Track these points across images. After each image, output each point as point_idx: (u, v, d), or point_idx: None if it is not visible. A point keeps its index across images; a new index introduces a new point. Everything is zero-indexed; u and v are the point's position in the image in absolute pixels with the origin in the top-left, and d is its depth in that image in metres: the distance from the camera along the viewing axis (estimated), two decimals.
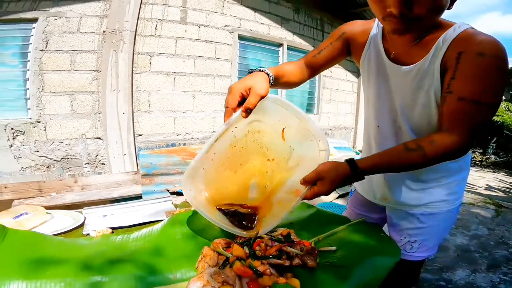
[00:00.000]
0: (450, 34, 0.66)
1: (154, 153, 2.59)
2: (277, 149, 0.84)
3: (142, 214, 1.03)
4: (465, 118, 0.64)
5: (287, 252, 0.65)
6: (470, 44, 0.63)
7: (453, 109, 0.64)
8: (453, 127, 0.65)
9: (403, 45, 0.74)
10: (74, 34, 2.53)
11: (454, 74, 0.64)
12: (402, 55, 0.76)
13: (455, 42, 0.65)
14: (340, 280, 0.66)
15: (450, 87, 0.65)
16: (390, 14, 0.62)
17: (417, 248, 0.93)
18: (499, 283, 1.85)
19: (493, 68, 0.61)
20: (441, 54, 0.67)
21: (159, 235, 0.75)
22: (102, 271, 0.62)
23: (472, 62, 0.62)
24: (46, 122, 2.50)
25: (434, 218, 0.89)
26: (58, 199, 2.19)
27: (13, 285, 0.55)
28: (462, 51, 0.63)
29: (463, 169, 0.90)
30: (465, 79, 0.63)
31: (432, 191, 0.88)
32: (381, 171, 0.73)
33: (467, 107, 0.63)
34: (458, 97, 0.63)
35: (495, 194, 3.96)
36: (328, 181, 0.69)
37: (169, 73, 2.98)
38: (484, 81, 0.61)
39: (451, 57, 0.65)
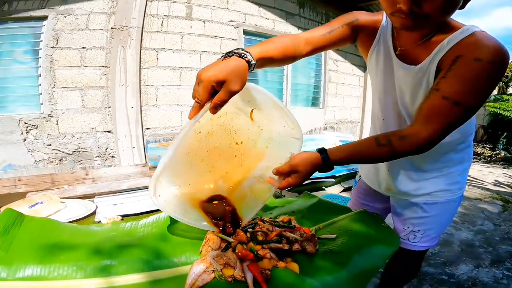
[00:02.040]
0: (456, 36, 0.66)
1: (161, 146, 2.64)
2: (245, 131, 0.78)
3: (150, 202, 1.08)
4: (442, 117, 0.65)
5: (287, 237, 0.68)
6: (471, 49, 0.63)
7: (433, 105, 0.66)
8: (428, 123, 0.67)
9: (410, 42, 0.75)
10: (83, 31, 2.58)
11: (446, 74, 0.66)
12: (408, 52, 0.76)
13: (458, 45, 0.65)
14: (338, 266, 0.68)
15: (438, 85, 0.66)
16: (399, 10, 0.62)
17: (420, 238, 0.95)
18: (502, 279, 1.84)
19: (486, 74, 0.61)
20: (439, 56, 0.68)
21: (165, 222, 0.79)
22: (112, 255, 0.66)
23: (467, 66, 0.63)
24: (58, 117, 2.58)
25: (437, 207, 0.91)
26: (70, 191, 2.27)
27: (29, 269, 0.59)
28: (461, 55, 0.64)
29: (465, 160, 0.92)
30: (454, 80, 0.64)
31: (435, 181, 0.89)
32: (352, 162, 0.76)
33: (447, 106, 0.64)
34: (442, 96, 0.65)
35: (504, 190, 3.89)
36: (302, 174, 0.71)
37: (176, 68, 3.02)
38: (472, 84, 0.62)
39: (448, 59, 0.66)
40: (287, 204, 1.05)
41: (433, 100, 0.66)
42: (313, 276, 0.62)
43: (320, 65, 4.50)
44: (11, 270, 0.59)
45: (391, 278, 1.20)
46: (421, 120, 0.68)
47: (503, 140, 6.55)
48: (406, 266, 1.09)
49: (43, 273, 0.60)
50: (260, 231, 0.67)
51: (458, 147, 0.88)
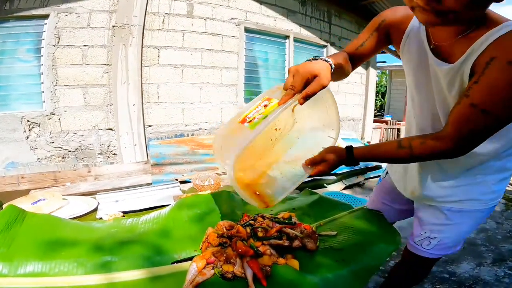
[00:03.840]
0: (493, 34, 0.60)
1: (163, 143, 2.65)
2: (284, 120, 0.88)
3: (151, 199, 1.08)
4: (468, 125, 0.62)
5: (287, 233, 0.68)
6: (505, 50, 0.57)
7: (461, 112, 0.63)
8: (454, 130, 0.64)
9: (446, 37, 0.69)
10: (85, 30, 2.59)
11: (478, 79, 0.60)
12: (443, 48, 0.71)
13: (494, 44, 0.59)
14: (339, 263, 0.68)
15: (470, 91, 0.62)
16: (417, 5, 0.58)
17: (434, 245, 0.89)
18: (503, 277, 1.83)
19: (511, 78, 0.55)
20: (474, 57, 0.62)
21: (166, 218, 0.79)
22: (113, 252, 0.66)
23: (500, 71, 0.57)
24: (61, 114, 2.59)
25: (461, 216, 0.84)
26: (72, 188, 2.28)
27: (31, 265, 0.59)
28: (495, 56, 0.58)
29: (506, 168, 0.83)
30: (485, 86, 0.59)
31: (465, 188, 0.82)
32: (374, 160, 0.78)
33: (475, 114, 0.60)
34: (471, 103, 0.61)
35: (507, 188, 3.86)
36: (329, 162, 0.76)
37: (177, 65, 3.02)
38: (503, 93, 0.57)
39: (482, 60, 0.60)
40: (288, 200, 1.05)
41: (462, 106, 0.63)
42: (313, 273, 0.62)
43: None
44: (12, 266, 0.59)
45: (396, 282, 1.13)
46: (449, 126, 0.65)
47: None
48: (413, 272, 1.03)
49: (44, 270, 0.60)
50: (261, 227, 0.67)
51: (500, 155, 0.80)
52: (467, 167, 0.80)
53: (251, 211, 0.88)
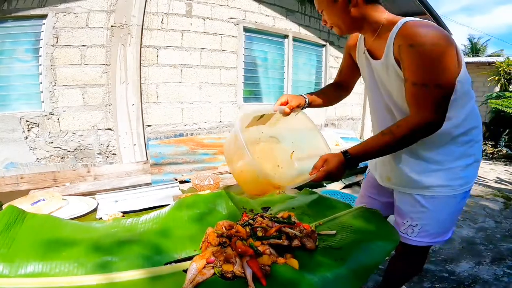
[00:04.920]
0: (394, 30, 0.79)
1: (162, 143, 2.65)
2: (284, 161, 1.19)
3: (151, 199, 1.09)
4: (422, 100, 0.76)
5: (286, 233, 0.68)
6: (403, 38, 0.75)
7: (410, 93, 0.78)
8: (417, 109, 0.78)
9: (368, 41, 0.92)
10: (83, 29, 2.58)
11: (403, 65, 0.77)
12: (371, 49, 0.92)
13: (397, 37, 0.78)
14: (338, 262, 0.69)
15: (405, 76, 0.77)
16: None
17: (418, 232, 0.95)
18: (502, 276, 1.84)
19: (423, 55, 0.72)
20: (391, 49, 0.80)
21: (166, 218, 0.79)
22: (113, 252, 0.66)
23: (408, 53, 0.74)
24: (60, 114, 2.59)
25: (435, 202, 0.92)
26: (72, 188, 2.28)
27: (31, 266, 0.59)
28: (400, 44, 0.76)
29: (468, 155, 0.91)
30: (408, 67, 0.75)
31: (435, 174, 0.90)
32: (369, 156, 0.87)
33: (419, 90, 0.75)
34: (411, 82, 0.76)
35: (505, 187, 3.88)
36: (331, 163, 0.86)
37: (176, 65, 3.02)
38: (422, 66, 0.73)
39: (396, 51, 0.78)
40: (287, 200, 1.06)
41: (408, 89, 0.78)
42: (312, 272, 0.63)
43: (321, 61, 4.49)
44: (13, 267, 0.59)
45: (393, 275, 1.20)
46: (411, 109, 0.79)
47: (505, 137, 6.51)
48: (408, 262, 1.10)
49: (44, 270, 0.61)
50: (260, 227, 0.67)
51: (459, 139, 0.89)
52: (434, 149, 0.90)
53: (252, 206, 0.89)
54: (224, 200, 0.89)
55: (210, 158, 2.68)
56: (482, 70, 8.20)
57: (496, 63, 7.50)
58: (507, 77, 7.22)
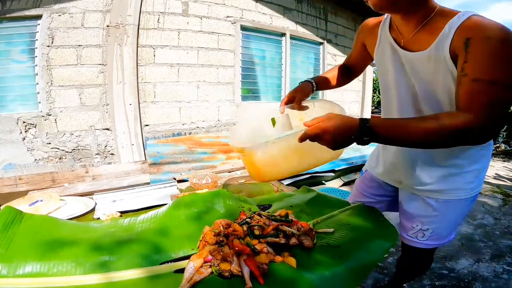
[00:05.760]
0: (455, 22, 0.67)
1: (161, 143, 2.64)
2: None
3: (148, 198, 1.08)
4: (480, 98, 0.63)
5: (284, 231, 0.68)
6: (476, 30, 0.64)
7: (468, 90, 0.64)
8: (469, 106, 0.64)
9: (409, 32, 0.77)
10: (79, 30, 2.57)
11: (466, 58, 0.65)
12: (411, 43, 0.78)
13: (461, 29, 0.66)
14: (335, 260, 0.69)
15: (465, 70, 0.65)
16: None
17: (429, 236, 0.91)
18: (502, 273, 1.84)
19: (501, 50, 0.61)
20: (448, 41, 0.68)
21: (164, 217, 0.80)
22: (111, 251, 0.66)
23: (481, 46, 0.63)
24: (57, 115, 2.58)
25: (449, 206, 0.87)
26: (71, 189, 2.27)
27: (29, 266, 0.60)
28: (470, 36, 0.64)
29: (486, 156, 0.86)
30: (477, 61, 0.63)
31: (452, 179, 0.85)
32: (392, 137, 0.67)
33: (481, 87, 0.62)
34: (473, 79, 0.63)
35: (504, 184, 3.89)
36: (338, 122, 0.66)
37: (173, 64, 3.01)
38: (495, 62, 0.62)
39: (459, 43, 0.66)
40: (285, 198, 1.06)
41: (465, 85, 0.65)
42: (310, 271, 0.63)
43: (319, 59, 4.48)
44: (11, 267, 0.59)
45: (404, 276, 1.21)
46: (461, 106, 0.65)
47: (504, 134, 6.53)
48: (417, 262, 1.08)
49: (43, 270, 0.61)
50: (257, 225, 0.67)
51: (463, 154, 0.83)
52: (454, 154, 0.83)
53: (250, 205, 0.89)
54: (222, 199, 0.89)
55: (209, 157, 2.68)
56: None
57: None
58: None
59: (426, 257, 1.06)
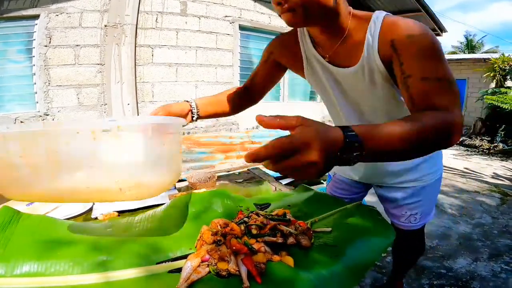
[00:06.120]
0: (373, 28, 0.68)
1: None
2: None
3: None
4: (439, 94, 0.59)
5: (281, 230, 0.68)
6: (396, 31, 0.64)
7: (422, 89, 0.60)
8: (434, 104, 0.58)
9: (332, 46, 0.75)
10: (76, 29, 2.56)
11: (400, 60, 0.63)
12: (338, 57, 0.76)
13: (382, 35, 0.66)
14: (333, 259, 0.69)
15: (406, 72, 0.62)
16: (278, 11, 0.66)
17: (419, 218, 1.04)
18: (500, 272, 1.85)
19: (426, 44, 0.61)
20: (375, 50, 0.68)
21: (161, 217, 0.80)
22: (108, 251, 0.66)
23: (407, 45, 0.62)
24: (54, 115, 2.57)
25: (426, 189, 1.00)
26: None
27: (27, 266, 0.59)
28: (393, 39, 0.64)
29: None
30: (412, 60, 0.62)
31: (420, 167, 0.97)
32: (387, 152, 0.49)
33: (432, 84, 0.59)
34: (421, 78, 0.60)
35: (502, 183, 3.91)
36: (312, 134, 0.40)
37: (171, 64, 3.01)
38: (427, 57, 0.61)
39: (386, 48, 0.66)
40: (283, 197, 1.06)
41: (417, 87, 0.61)
42: (308, 270, 0.63)
43: None
44: (9, 267, 0.59)
45: (403, 262, 1.32)
46: (422, 105, 0.60)
47: (501, 133, 6.57)
48: (414, 245, 1.21)
49: (40, 270, 0.60)
50: (255, 224, 0.68)
51: None
52: None
53: (248, 204, 0.89)
54: (220, 199, 0.89)
55: (207, 157, 2.68)
56: (478, 67, 8.25)
57: (491, 59, 7.55)
58: (503, 73, 7.28)
59: (420, 235, 1.18)
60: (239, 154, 2.85)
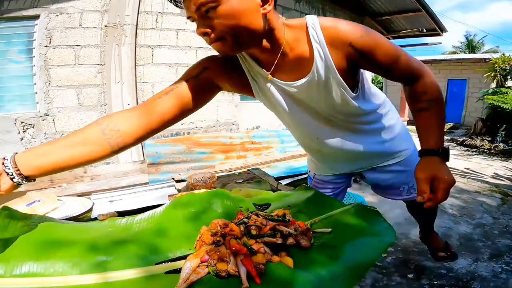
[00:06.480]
0: (315, 36, 0.68)
1: (159, 142, 2.64)
2: None
3: (146, 198, 1.09)
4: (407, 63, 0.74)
5: (281, 231, 0.68)
6: (345, 35, 0.68)
7: (399, 69, 0.75)
8: (415, 73, 0.77)
9: (270, 61, 0.73)
10: (77, 30, 2.57)
11: (372, 57, 0.70)
12: (285, 70, 0.75)
13: (331, 44, 0.68)
14: (333, 260, 0.69)
15: (383, 66, 0.73)
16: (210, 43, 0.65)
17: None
18: (500, 273, 1.84)
19: (374, 36, 0.70)
20: (328, 59, 0.69)
21: (161, 217, 0.79)
22: (107, 251, 0.66)
23: (364, 41, 0.68)
24: (55, 115, 2.58)
25: (409, 160, 1.04)
26: (69, 189, 2.27)
27: (26, 266, 0.59)
28: (349, 42, 0.68)
29: (394, 117, 1.03)
30: (379, 51, 0.70)
31: (395, 143, 1.03)
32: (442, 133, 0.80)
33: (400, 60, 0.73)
34: (391, 63, 0.73)
35: (503, 183, 3.90)
36: (443, 179, 0.75)
37: (172, 64, 3.01)
38: (382, 47, 0.70)
39: (345, 51, 0.69)
40: (283, 198, 1.05)
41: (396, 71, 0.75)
42: (307, 270, 0.63)
43: None
44: (8, 267, 0.59)
45: (424, 220, 1.39)
46: (412, 76, 0.78)
47: (502, 133, 6.56)
48: (425, 211, 1.26)
49: (39, 270, 0.61)
50: (254, 225, 0.67)
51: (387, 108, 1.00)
52: (384, 127, 0.99)
53: (248, 205, 0.89)
54: (220, 199, 0.89)
55: (207, 157, 2.68)
56: (478, 67, 8.25)
57: (492, 59, 7.54)
58: (503, 73, 7.27)
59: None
60: (239, 154, 2.85)
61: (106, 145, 0.69)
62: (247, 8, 0.60)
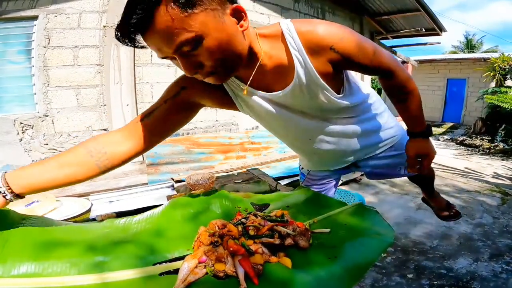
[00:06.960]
0: (293, 43, 0.67)
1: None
2: None
3: (144, 199, 1.08)
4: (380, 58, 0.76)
5: (279, 231, 0.68)
6: (326, 38, 0.66)
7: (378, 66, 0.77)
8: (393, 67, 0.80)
9: (248, 74, 0.71)
10: (75, 30, 2.57)
11: (354, 59, 0.70)
12: (267, 82, 0.75)
13: (310, 50, 0.67)
14: (331, 260, 0.68)
15: (367, 67, 0.74)
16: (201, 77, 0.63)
17: None
18: (500, 273, 1.84)
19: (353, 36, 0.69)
20: (309, 66, 0.68)
21: (159, 217, 0.79)
22: (105, 252, 0.66)
23: (347, 45, 0.68)
24: (54, 116, 2.57)
25: (401, 143, 1.07)
26: (68, 190, 2.27)
27: (24, 266, 0.59)
28: (330, 45, 0.66)
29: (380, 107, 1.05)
30: (359, 52, 0.70)
31: (385, 131, 1.05)
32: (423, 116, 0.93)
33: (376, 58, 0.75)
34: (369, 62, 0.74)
35: (502, 182, 3.90)
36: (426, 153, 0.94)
37: (171, 64, 3.01)
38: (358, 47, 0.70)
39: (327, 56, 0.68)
40: (282, 198, 1.05)
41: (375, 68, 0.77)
42: (306, 271, 0.62)
43: None
44: (6, 267, 0.59)
45: (424, 184, 1.42)
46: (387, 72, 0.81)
47: (502, 132, 6.56)
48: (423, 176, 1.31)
49: (37, 270, 0.60)
50: (252, 225, 0.67)
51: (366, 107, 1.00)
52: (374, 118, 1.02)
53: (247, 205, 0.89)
54: (219, 200, 0.89)
55: (207, 157, 2.67)
56: (478, 66, 8.25)
57: (491, 59, 7.55)
58: (502, 72, 7.28)
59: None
60: (238, 155, 2.85)
61: (94, 167, 0.73)
62: (229, 33, 0.58)
